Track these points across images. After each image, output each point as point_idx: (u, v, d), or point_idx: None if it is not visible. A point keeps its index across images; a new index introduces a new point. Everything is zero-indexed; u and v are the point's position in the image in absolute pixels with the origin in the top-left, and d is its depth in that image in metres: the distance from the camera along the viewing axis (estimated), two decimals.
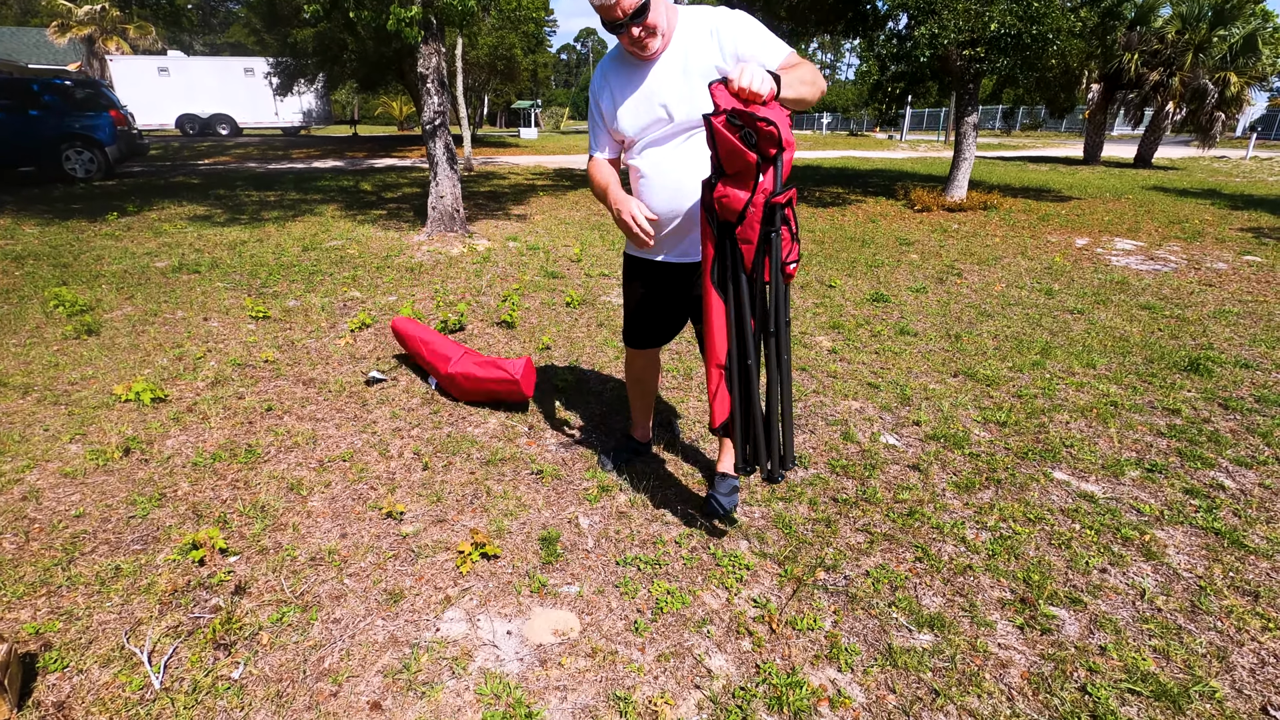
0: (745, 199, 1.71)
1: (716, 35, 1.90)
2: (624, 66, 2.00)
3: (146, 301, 4.67)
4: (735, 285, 1.85)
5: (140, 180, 11.49)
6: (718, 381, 1.99)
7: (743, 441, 2.01)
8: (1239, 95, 16.31)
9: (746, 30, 1.91)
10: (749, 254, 1.80)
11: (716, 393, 2.00)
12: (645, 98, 1.97)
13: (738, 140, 1.64)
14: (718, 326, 1.93)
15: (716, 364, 1.97)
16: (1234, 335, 4.35)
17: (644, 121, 1.99)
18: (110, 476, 2.54)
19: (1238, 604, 1.99)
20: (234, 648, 1.77)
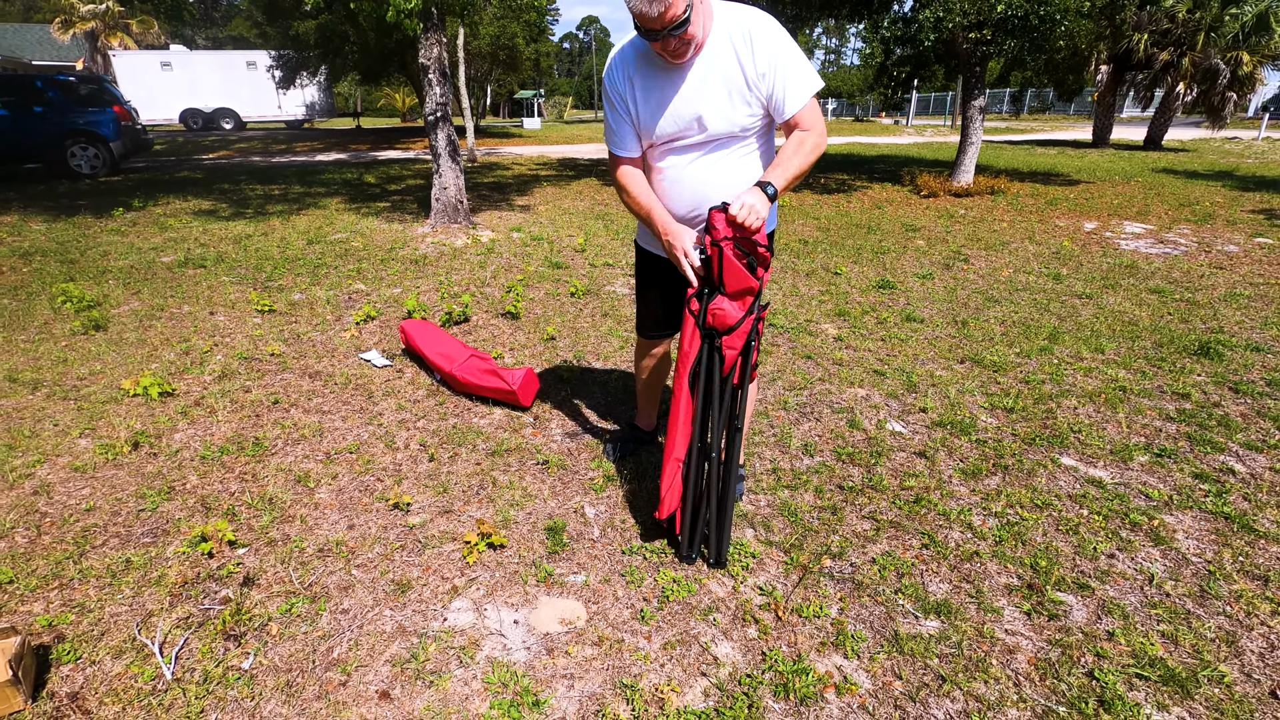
0: (740, 316, 1.86)
1: (750, 45, 1.78)
2: (653, 67, 1.86)
3: (153, 296, 4.69)
4: (708, 384, 1.95)
5: (145, 175, 11.52)
6: (673, 475, 2.02)
7: (692, 529, 2.06)
8: (1251, 75, 16.06)
9: (779, 59, 1.79)
10: (731, 359, 1.92)
11: (670, 485, 2.02)
12: (678, 106, 1.86)
13: (744, 268, 1.79)
14: (683, 423, 1.99)
15: (675, 458, 2.01)
16: (1245, 318, 4.31)
17: (674, 130, 1.89)
18: (120, 470, 2.57)
19: (1247, 588, 1.97)
20: (244, 638, 1.78)
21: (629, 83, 1.90)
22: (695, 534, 2.06)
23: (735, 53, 1.80)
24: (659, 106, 1.87)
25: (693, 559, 2.08)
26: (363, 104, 44.71)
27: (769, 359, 3.65)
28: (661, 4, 1.60)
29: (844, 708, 1.60)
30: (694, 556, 2.08)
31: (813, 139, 1.85)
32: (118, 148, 11.31)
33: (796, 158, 1.83)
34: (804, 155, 1.84)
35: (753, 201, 1.72)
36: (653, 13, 1.62)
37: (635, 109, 1.91)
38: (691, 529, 2.06)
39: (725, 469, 2.00)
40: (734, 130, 1.88)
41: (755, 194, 1.75)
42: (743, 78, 1.81)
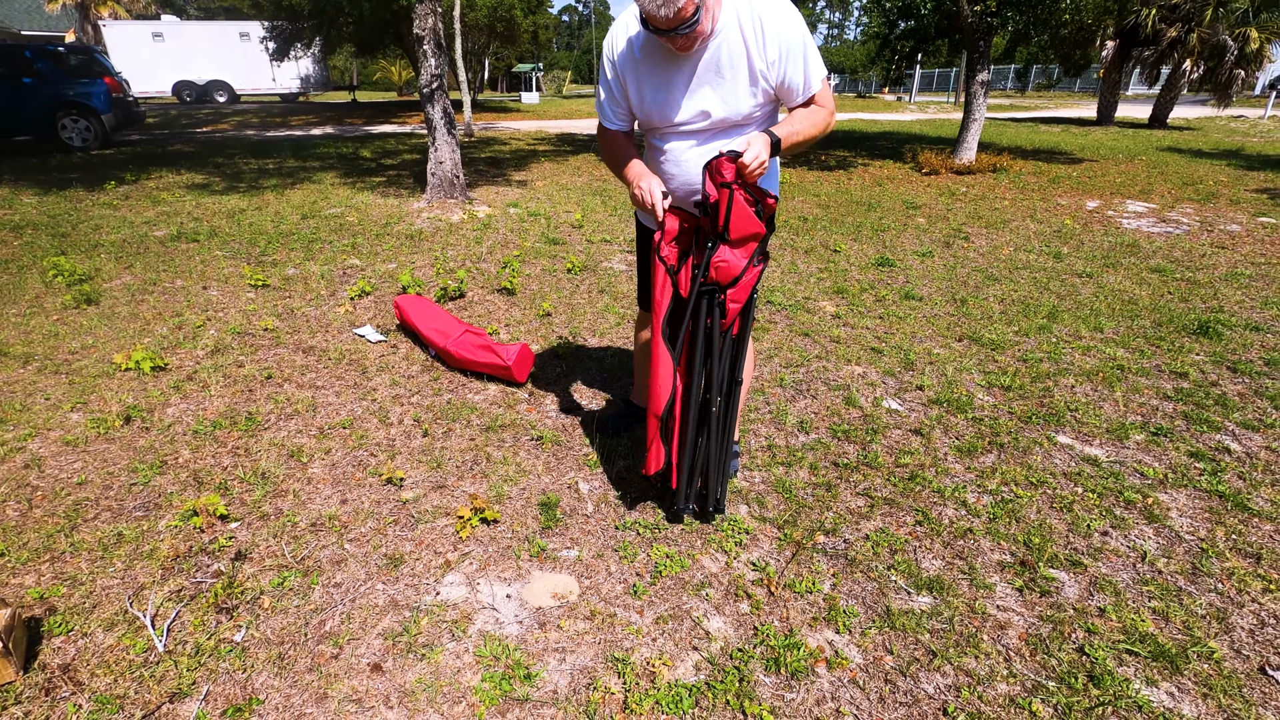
0: (744, 265, 1.83)
1: (760, 33, 1.73)
2: (658, 53, 1.80)
3: (145, 270, 4.64)
4: (708, 341, 1.93)
5: (137, 149, 11.37)
6: (654, 431, 1.99)
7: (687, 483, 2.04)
8: (1260, 51, 15.82)
9: (790, 47, 1.74)
10: (733, 313, 1.90)
11: (652, 442, 2.00)
12: (684, 97, 1.82)
13: (754, 213, 1.77)
14: (662, 379, 1.93)
15: (654, 414, 1.97)
16: (1245, 298, 4.28)
17: (678, 118, 1.85)
18: (111, 444, 2.55)
19: (1239, 566, 1.98)
20: (236, 611, 1.78)
21: (631, 66, 1.84)
22: (688, 489, 2.04)
23: (744, 40, 1.74)
24: (664, 96, 1.83)
25: (685, 513, 2.10)
26: (359, 77, 44.08)
27: (766, 336, 3.63)
28: (671, 7, 1.56)
29: (835, 682, 1.60)
30: (688, 510, 2.08)
31: (825, 115, 1.85)
32: (109, 120, 11.14)
33: (806, 122, 1.82)
34: (813, 123, 1.83)
35: (759, 148, 1.70)
36: (661, 15, 1.58)
37: (637, 95, 1.87)
38: (688, 483, 2.03)
39: (724, 426, 2.00)
40: (738, 118, 1.86)
41: (761, 139, 1.72)
42: (749, 67, 1.77)
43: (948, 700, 1.55)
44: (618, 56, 1.86)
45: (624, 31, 1.84)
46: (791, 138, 1.79)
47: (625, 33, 1.84)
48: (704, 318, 1.91)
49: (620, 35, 1.85)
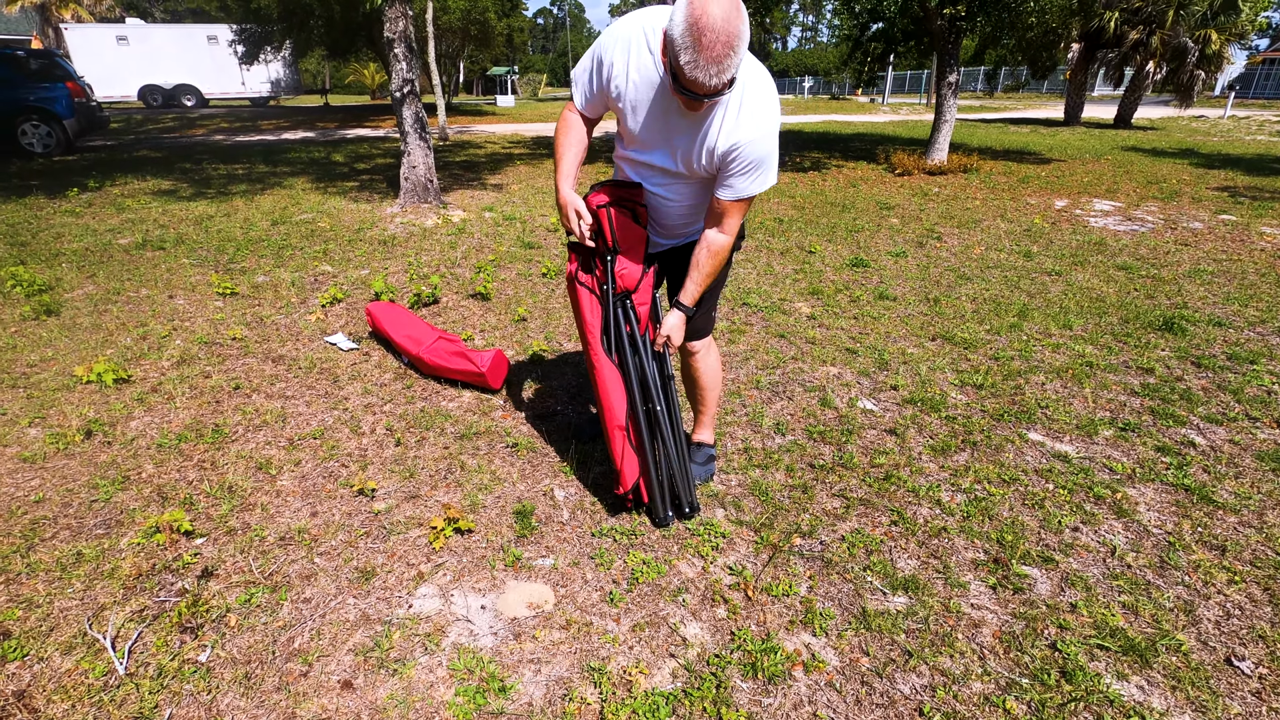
0: (640, 269, 1.99)
1: (736, 120, 1.71)
2: (661, 99, 1.76)
3: (109, 280, 4.53)
4: (633, 344, 2.01)
5: (101, 155, 11.10)
6: (622, 443, 2.01)
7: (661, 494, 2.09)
8: (1219, 53, 16.28)
9: (745, 154, 1.74)
10: (644, 316, 2.02)
11: (623, 454, 2.02)
12: (665, 139, 1.82)
13: (631, 220, 1.96)
14: (613, 391, 2.00)
15: (617, 426, 2.00)
16: (1208, 294, 4.38)
17: (651, 150, 1.87)
18: (71, 460, 2.48)
19: (1205, 558, 2.01)
20: (201, 630, 1.73)
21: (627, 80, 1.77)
22: (664, 495, 2.09)
23: (721, 117, 1.72)
24: (647, 126, 1.83)
25: (669, 522, 2.11)
26: (331, 80, 43.53)
27: (742, 338, 3.64)
28: (722, 77, 1.51)
29: (812, 685, 1.60)
30: (669, 519, 2.11)
31: (726, 250, 1.92)
32: (72, 126, 10.88)
33: (708, 267, 1.94)
34: (715, 265, 1.95)
35: (673, 330, 1.99)
36: (711, 84, 1.52)
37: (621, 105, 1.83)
38: (663, 491, 2.09)
39: (673, 425, 2.05)
40: (697, 176, 1.88)
41: (679, 323, 1.99)
42: (714, 143, 1.75)
43: (923, 700, 1.56)
44: (619, 65, 1.77)
45: (636, 53, 1.74)
46: (696, 299, 1.98)
47: (637, 55, 1.74)
48: (624, 326, 2.01)
49: (622, 50, 1.75)
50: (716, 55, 1.47)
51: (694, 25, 1.46)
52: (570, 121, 1.97)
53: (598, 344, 1.99)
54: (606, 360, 1.99)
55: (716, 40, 1.46)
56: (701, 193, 1.95)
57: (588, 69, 1.86)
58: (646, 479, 2.06)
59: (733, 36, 1.47)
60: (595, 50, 1.83)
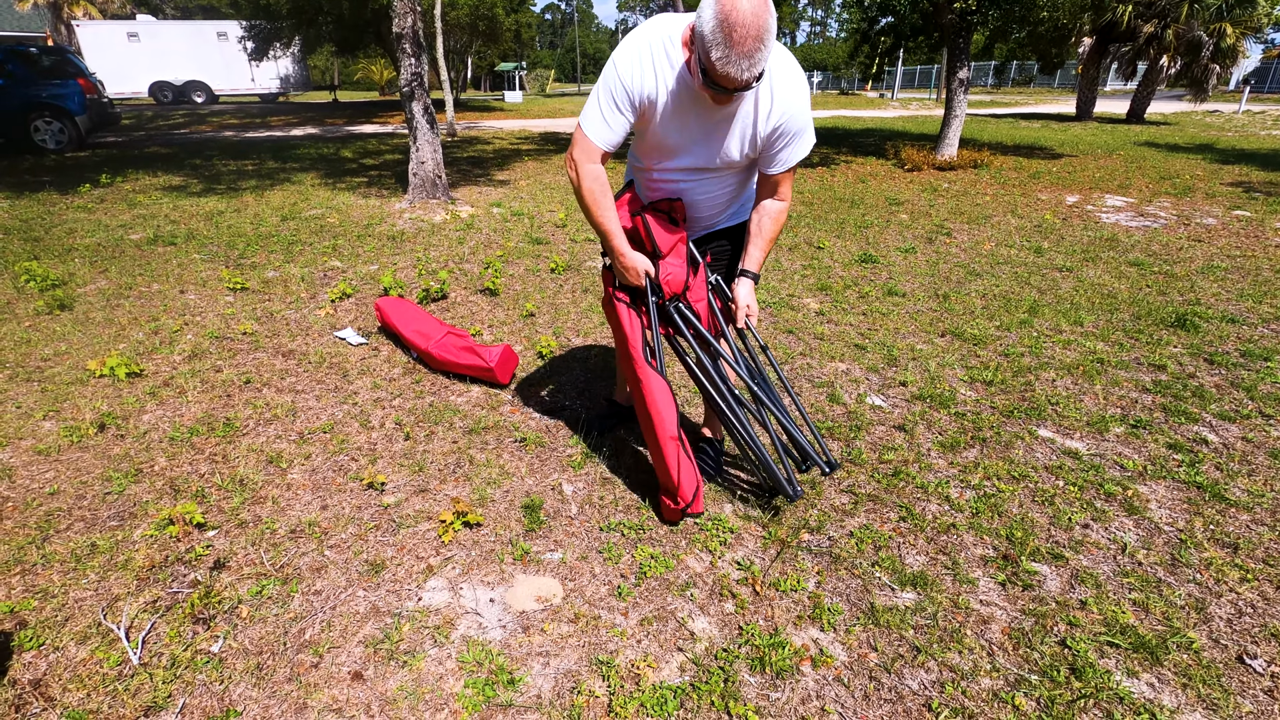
0: (685, 269, 1.99)
1: (770, 100, 1.75)
2: (686, 100, 1.75)
3: (121, 275, 4.56)
4: (702, 342, 2.06)
5: (113, 151, 11.18)
6: (676, 454, 1.97)
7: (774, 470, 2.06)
8: (1234, 47, 16.08)
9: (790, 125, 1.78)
10: (704, 313, 2.05)
11: (679, 465, 1.98)
12: (700, 139, 1.83)
13: (667, 222, 1.96)
14: (662, 402, 1.98)
15: (670, 438, 1.98)
16: (1221, 290, 4.34)
17: (684, 154, 1.88)
18: (85, 453, 2.50)
19: (1217, 556, 2.00)
20: (213, 622, 1.75)
21: (655, 90, 1.75)
22: (787, 471, 2.11)
23: (756, 101, 1.76)
24: (687, 136, 1.84)
25: (800, 493, 2.10)
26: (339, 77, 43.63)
27: None
28: (754, 71, 1.53)
29: (820, 680, 1.60)
30: (800, 491, 2.10)
31: (785, 213, 2.01)
32: (84, 122, 10.95)
33: (773, 236, 2.00)
34: (778, 231, 2.01)
35: (751, 300, 2.04)
36: (744, 79, 1.54)
37: (660, 131, 1.82)
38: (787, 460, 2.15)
39: (769, 392, 2.11)
40: (731, 166, 1.93)
41: (750, 289, 2.03)
42: (753, 127, 1.80)
43: (932, 696, 1.55)
44: (645, 79, 1.73)
45: (653, 58, 1.72)
46: (762, 262, 2.02)
47: (654, 63, 1.72)
48: (686, 329, 2.02)
49: (648, 65, 1.72)
50: (748, 50, 1.49)
51: (725, 20, 1.46)
52: (597, 177, 1.84)
53: (641, 358, 1.99)
54: (652, 373, 1.99)
55: (747, 35, 1.47)
56: (735, 182, 2.01)
57: (613, 97, 1.75)
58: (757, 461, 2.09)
59: (762, 30, 1.48)
60: (615, 83, 1.74)
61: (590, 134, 1.80)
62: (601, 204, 1.87)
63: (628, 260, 1.94)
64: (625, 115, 1.77)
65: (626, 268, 1.95)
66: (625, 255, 1.93)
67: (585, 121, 1.80)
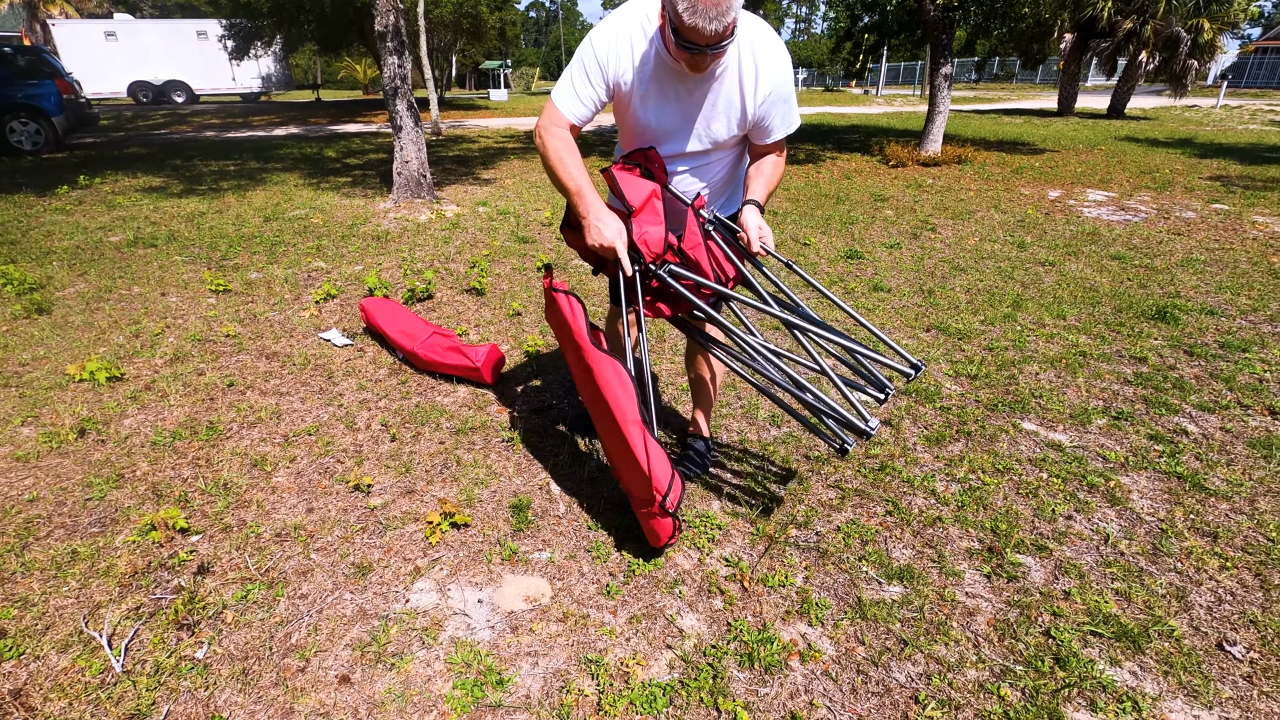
0: (664, 225, 1.80)
1: (755, 75, 1.75)
2: (666, 78, 1.75)
3: (100, 278, 4.50)
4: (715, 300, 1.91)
5: (91, 152, 11.02)
6: (643, 440, 1.74)
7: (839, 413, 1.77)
8: (1211, 42, 16.31)
9: (776, 95, 1.79)
10: (704, 260, 1.85)
11: (650, 453, 1.74)
12: (683, 125, 1.83)
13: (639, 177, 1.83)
14: (619, 385, 1.77)
15: (632, 422, 1.75)
16: (1200, 283, 4.40)
17: (672, 139, 1.87)
18: (65, 459, 2.47)
19: (1197, 545, 2.03)
20: (198, 627, 1.73)
21: (638, 82, 1.76)
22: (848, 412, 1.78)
23: (740, 76, 1.77)
24: (670, 118, 1.83)
25: (875, 429, 1.74)
26: (322, 76, 43.20)
27: None
28: (723, 21, 1.52)
29: (808, 675, 1.61)
30: (874, 427, 1.74)
31: (783, 166, 2.00)
32: (61, 123, 10.78)
33: (774, 180, 1.96)
34: (778, 178, 1.98)
35: (761, 221, 1.87)
36: (710, 30, 1.52)
37: (641, 113, 1.82)
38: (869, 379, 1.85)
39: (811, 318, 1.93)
40: (720, 147, 1.93)
41: (756, 214, 1.87)
42: (741, 104, 1.81)
43: (919, 688, 1.57)
44: (621, 59, 1.74)
45: (630, 38, 1.73)
46: (767, 198, 1.93)
47: (630, 40, 1.73)
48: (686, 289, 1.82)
49: (625, 41, 1.73)
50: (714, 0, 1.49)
51: None
52: (563, 138, 1.79)
53: (588, 342, 1.85)
54: (601, 355, 1.82)
55: None
56: (726, 167, 2.01)
57: (586, 73, 1.76)
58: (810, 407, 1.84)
59: None
60: (589, 57, 1.75)
61: (559, 104, 1.80)
62: (566, 161, 1.77)
63: (596, 222, 1.73)
64: (596, 90, 1.77)
65: (592, 231, 1.74)
66: (595, 216, 1.74)
67: (557, 95, 1.82)
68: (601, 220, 1.75)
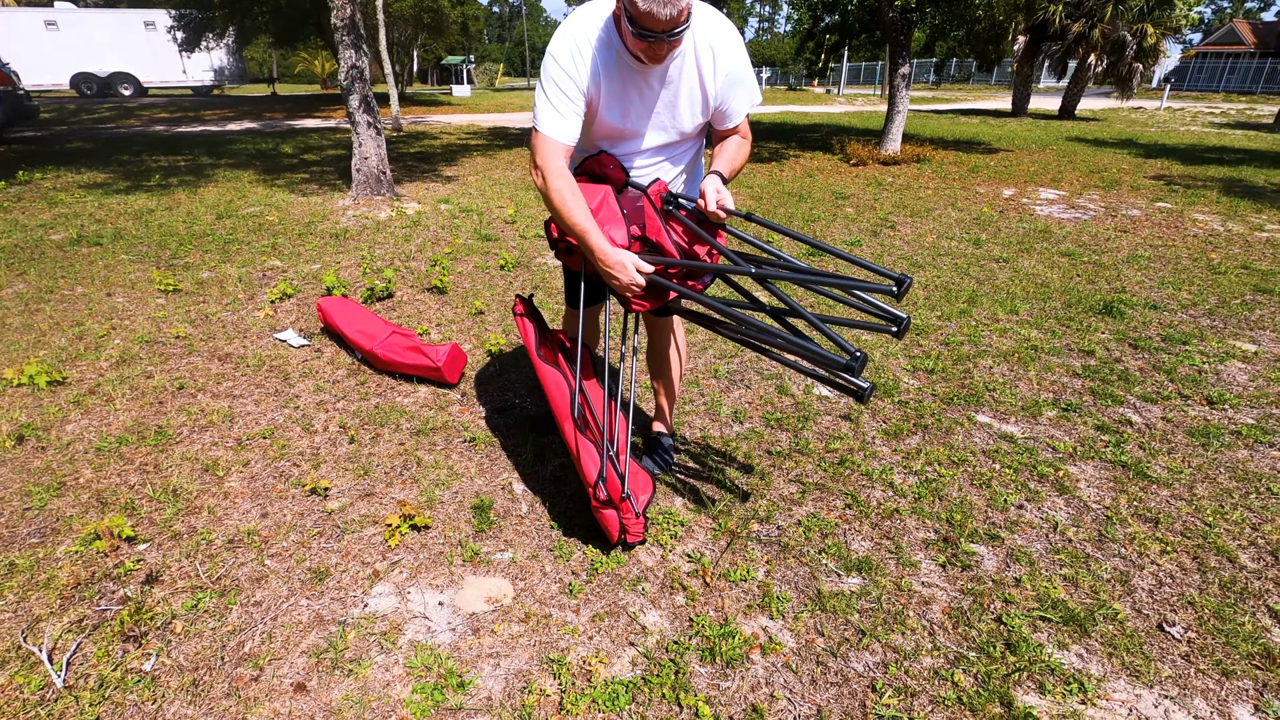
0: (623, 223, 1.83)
1: (712, 60, 1.77)
2: (622, 67, 1.74)
3: (40, 278, 4.31)
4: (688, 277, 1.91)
5: (31, 146, 10.55)
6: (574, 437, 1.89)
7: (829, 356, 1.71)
8: (1155, 46, 16.93)
9: (735, 77, 1.81)
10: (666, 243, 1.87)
11: (580, 446, 1.87)
12: (643, 116, 1.83)
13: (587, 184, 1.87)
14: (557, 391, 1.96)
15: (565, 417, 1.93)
16: (1145, 278, 4.57)
17: (638, 135, 1.88)
18: (2, 467, 2.36)
19: (1140, 530, 2.11)
20: (145, 639, 1.68)
21: (603, 78, 1.75)
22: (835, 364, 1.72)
23: (698, 64, 1.78)
24: (625, 115, 1.83)
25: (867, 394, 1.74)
26: (279, 69, 42.10)
27: (700, 327, 3.65)
28: (676, 6, 1.52)
29: (769, 667, 1.63)
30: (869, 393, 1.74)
31: (748, 147, 2.00)
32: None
33: (738, 157, 1.96)
34: (743, 156, 1.98)
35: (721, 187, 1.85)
36: (664, 15, 1.52)
37: (604, 110, 1.81)
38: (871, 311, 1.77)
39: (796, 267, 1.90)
40: (682, 137, 1.93)
41: (717, 182, 1.86)
42: (701, 90, 1.82)
43: (876, 677, 1.60)
44: (580, 63, 1.73)
45: (583, 39, 1.72)
46: (731, 174, 1.93)
47: (585, 40, 1.72)
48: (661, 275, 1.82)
49: (581, 43, 1.71)
50: None
51: None
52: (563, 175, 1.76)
53: (536, 358, 2.02)
54: (546, 367, 2.00)
55: None
56: (692, 151, 2.04)
57: (558, 88, 1.73)
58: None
59: None
60: (556, 72, 1.73)
61: (548, 132, 1.76)
62: (571, 204, 1.76)
63: (609, 259, 1.75)
64: (574, 103, 1.76)
65: (609, 266, 1.76)
66: (605, 254, 1.75)
67: (540, 123, 1.77)
68: (610, 260, 1.76)
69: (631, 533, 1.91)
